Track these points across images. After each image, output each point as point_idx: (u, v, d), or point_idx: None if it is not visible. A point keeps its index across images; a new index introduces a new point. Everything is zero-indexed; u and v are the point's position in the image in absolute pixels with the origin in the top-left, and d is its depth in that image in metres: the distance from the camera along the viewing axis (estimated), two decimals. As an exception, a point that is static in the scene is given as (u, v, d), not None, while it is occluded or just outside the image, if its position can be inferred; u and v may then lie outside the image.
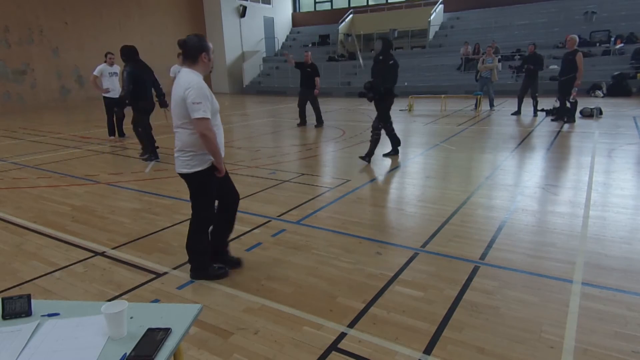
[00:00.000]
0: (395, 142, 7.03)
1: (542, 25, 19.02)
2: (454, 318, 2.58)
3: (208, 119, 2.73)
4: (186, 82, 2.73)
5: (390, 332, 2.46)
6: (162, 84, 7.42)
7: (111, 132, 9.26)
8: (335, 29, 23.52)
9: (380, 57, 6.42)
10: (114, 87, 8.88)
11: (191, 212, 3.09)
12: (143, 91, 6.84)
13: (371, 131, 6.68)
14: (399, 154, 7.08)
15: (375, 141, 6.61)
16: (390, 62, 6.39)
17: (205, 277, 3.13)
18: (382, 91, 6.35)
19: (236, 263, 3.30)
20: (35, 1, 16.37)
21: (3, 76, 15.89)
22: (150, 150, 7.16)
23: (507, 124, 10.06)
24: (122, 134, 9.34)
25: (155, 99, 7.22)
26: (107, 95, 8.88)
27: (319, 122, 10.76)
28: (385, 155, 7.07)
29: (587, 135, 8.30)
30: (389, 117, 6.77)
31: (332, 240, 3.80)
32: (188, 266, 3.32)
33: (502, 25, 20.00)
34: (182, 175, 2.96)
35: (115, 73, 8.95)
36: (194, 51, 2.80)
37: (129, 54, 6.82)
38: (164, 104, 7.31)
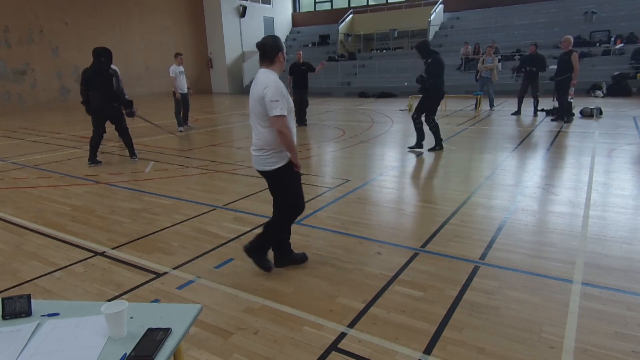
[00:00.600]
0: (421, 137, 7.50)
1: (542, 25, 19.02)
2: (454, 318, 2.58)
3: (285, 116, 2.83)
4: (264, 81, 2.85)
5: (390, 332, 2.45)
6: (161, 83, 7.38)
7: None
8: (335, 29, 23.53)
9: (425, 60, 7.07)
10: None
11: (273, 213, 3.20)
12: (91, 94, 6.68)
13: (427, 124, 7.36)
14: (423, 149, 7.49)
15: (435, 130, 7.32)
16: (429, 60, 6.96)
17: (257, 261, 3.19)
18: (427, 87, 7.07)
19: (303, 258, 3.37)
20: (35, 1, 16.37)
21: (3, 76, 15.89)
22: (91, 156, 6.92)
23: (507, 124, 10.06)
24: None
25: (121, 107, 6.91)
26: None
27: (303, 121, 10.78)
28: (410, 148, 7.55)
29: (587, 135, 8.30)
30: (423, 113, 7.35)
31: (332, 240, 3.80)
32: (188, 266, 3.33)
33: (502, 25, 20.00)
34: (263, 173, 3.06)
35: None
36: (272, 52, 2.91)
37: (93, 54, 6.62)
38: (130, 114, 7.04)
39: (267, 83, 2.83)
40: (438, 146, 7.41)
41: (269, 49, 2.90)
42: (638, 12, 17.37)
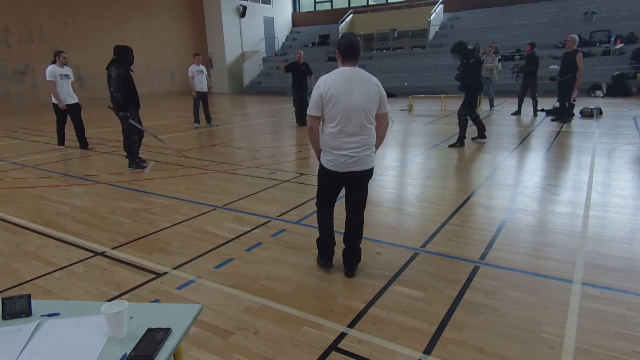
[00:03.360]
0: (481, 127, 7.91)
1: (542, 25, 19.03)
2: (454, 318, 2.58)
3: None
4: (372, 79, 2.91)
5: (390, 332, 2.45)
6: (161, 83, 7.35)
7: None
8: (335, 29, 23.53)
9: (464, 60, 7.53)
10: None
11: (361, 212, 3.21)
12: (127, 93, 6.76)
13: (457, 118, 7.77)
14: (486, 139, 7.95)
15: (463, 127, 7.69)
16: (471, 60, 7.49)
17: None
18: (467, 85, 7.58)
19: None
20: (35, 1, 16.37)
21: (3, 76, 15.89)
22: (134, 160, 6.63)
23: (507, 124, 10.06)
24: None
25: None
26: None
27: (303, 121, 10.74)
28: (473, 139, 8.00)
29: (587, 135, 8.30)
30: (474, 106, 7.91)
31: (332, 240, 3.79)
32: (188, 266, 3.33)
33: (502, 25, 20.01)
34: (361, 174, 3.00)
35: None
36: (359, 52, 2.94)
37: (121, 52, 6.61)
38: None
39: (376, 80, 2.91)
40: (459, 143, 7.69)
41: (358, 49, 2.91)
42: (638, 12, 17.38)
